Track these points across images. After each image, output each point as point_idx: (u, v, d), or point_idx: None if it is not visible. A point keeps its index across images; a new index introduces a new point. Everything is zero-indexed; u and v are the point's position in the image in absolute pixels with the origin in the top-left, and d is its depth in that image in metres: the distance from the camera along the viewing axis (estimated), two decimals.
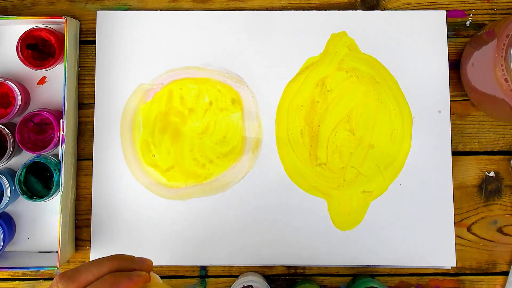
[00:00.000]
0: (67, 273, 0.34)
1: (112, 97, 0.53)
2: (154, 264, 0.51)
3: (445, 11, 0.54)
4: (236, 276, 0.52)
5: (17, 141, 0.50)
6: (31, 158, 0.50)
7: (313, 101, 0.53)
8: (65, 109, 0.50)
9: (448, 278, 0.52)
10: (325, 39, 0.54)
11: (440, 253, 0.51)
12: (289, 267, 0.53)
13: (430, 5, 0.54)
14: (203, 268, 0.53)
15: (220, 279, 0.53)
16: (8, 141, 0.50)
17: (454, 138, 0.53)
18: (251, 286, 0.47)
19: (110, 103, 0.53)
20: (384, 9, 0.54)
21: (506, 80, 0.43)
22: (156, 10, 0.54)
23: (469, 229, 0.53)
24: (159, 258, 0.52)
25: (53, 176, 0.50)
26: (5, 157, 0.50)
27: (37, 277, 0.53)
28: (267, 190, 0.52)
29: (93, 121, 0.53)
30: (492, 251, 0.52)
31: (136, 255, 0.39)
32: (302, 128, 0.53)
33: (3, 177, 0.50)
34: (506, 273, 0.52)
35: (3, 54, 0.54)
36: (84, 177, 0.53)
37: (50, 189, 0.51)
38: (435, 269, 0.52)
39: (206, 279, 0.53)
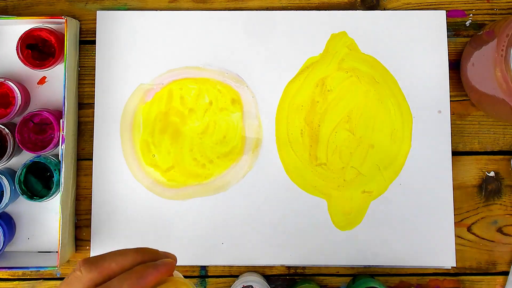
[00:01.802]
0: (91, 259, 0.33)
1: (112, 97, 0.53)
2: None
3: (445, 11, 0.54)
4: (236, 276, 0.52)
5: (17, 141, 0.50)
6: (31, 158, 0.50)
7: (313, 101, 0.53)
8: (65, 109, 0.50)
9: (448, 278, 0.52)
10: (325, 39, 0.54)
11: (440, 253, 0.51)
12: (289, 267, 0.53)
13: (430, 5, 0.54)
14: (203, 268, 0.53)
15: (220, 279, 0.53)
16: (8, 141, 0.50)
17: (454, 138, 0.53)
18: (251, 286, 0.48)
19: (110, 103, 0.53)
20: (384, 9, 0.54)
21: (506, 80, 0.43)
22: (156, 10, 0.54)
23: (469, 229, 0.53)
24: None
25: (53, 176, 0.50)
26: (5, 157, 0.50)
27: (37, 277, 0.53)
28: (267, 190, 0.52)
29: (93, 121, 0.53)
30: (492, 251, 0.52)
31: None
32: (302, 128, 0.53)
33: (3, 177, 0.50)
34: (506, 273, 0.52)
35: (3, 54, 0.54)
36: (84, 177, 0.53)
37: (50, 189, 0.51)
38: (435, 269, 0.52)
39: (206, 279, 0.53)
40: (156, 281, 0.34)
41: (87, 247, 0.53)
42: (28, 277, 0.53)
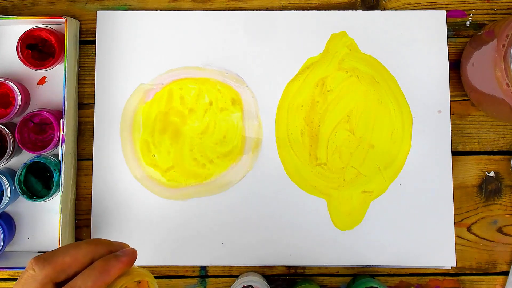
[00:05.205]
0: (43, 255, 0.33)
1: (112, 97, 0.53)
2: (154, 264, 0.52)
3: (445, 11, 0.54)
4: (236, 276, 0.52)
5: (17, 141, 0.50)
6: (31, 158, 0.50)
7: (313, 101, 0.53)
8: (65, 109, 0.50)
9: (448, 278, 0.52)
10: (325, 39, 0.54)
11: (440, 253, 0.51)
12: (289, 267, 0.53)
13: (430, 5, 0.54)
14: (203, 268, 0.53)
15: (220, 279, 0.53)
16: (8, 141, 0.50)
17: (454, 138, 0.53)
18: (251, 286, 0.48)
19: (110, 103, 0.53)
20: (384, 9, 0.54)
21: (506, 81, 0.43)
22: (156, 10, 0.54)
23: (469, 229, 0.53)
24: (159, 258, 0.52)
25: (53, 176, 0.50)
26: (5, 157, 0.50)
27: None
28: (267, 190, 0.52)
29: (93, 121, 0.53)
30: (492, 251, 0.52)
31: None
32: (302, 128, 0.53)
33: (3, 177, 0.50)
34: (506, 273, 0.52)
35: (3, 54, 0.54)
36: (84, 177, 0.53)
37: (50, 189, 0.51)
38: (435, 269, 0.52)
39: (206, 279, 0.53)
40: (120, 273, 0.33)
41: None
42: None
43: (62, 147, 0.49)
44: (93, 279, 0.32)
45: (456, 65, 0.54)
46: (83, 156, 0.54)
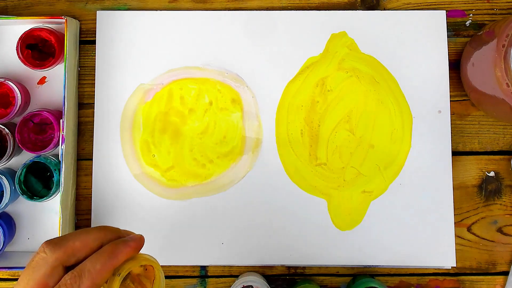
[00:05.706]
0: (54, 240, 0.33)
1: (112, 97, 0.53)
2: None
3: (445, 11, 0.54)
4: (236, 276, 0.52)
5: (17, 141, 0.50)
6: (31, 158, 0.50)
7: (313, 101, 0.53)
8: (65, 109, 0.50)
9: (448, 278, 0.52)
10: (325, 39, 0.54)
11: (440, 253, 0.51)
12: (289, 267, 0.53)
13: (430, 5, 0.54)
14: (203, 268, 0.53)
15: (220, 279, 0.53)
16: (8, 141, 0.50)
17: (454, 138, 0.53)
18: (251, 286, 0.48)
19: (110, 103, 0.53)
20: (384, 9, 0.54)
21: (506, 81, 0.43)
22: (156, 10, 0.54)
23: (469, 229, 0.53)
24: (159, 258, 0.51)
25: (53, 176, 0.50)
26: (5, 157, 0.50)
27: None
28: (267, 190, 0.52)
29: (93, 121, 0.53)
30: (492, 251, 0.52)
31: None
32: (302, 128, 0.53)
33: (3, 177, 0.50)
34: (506, 273, 0.52)
35: (3, 54, 0.54)
36: (84, 177, 0.53)
37: (50, 189, 0.51)
38: (435, 269, 0.52)
39: (206, 279, 0.53)
40: (127, 257, 0.34)
41: None
42: None
43: (62, 147, 0.49)
44: (102, 263, 0.33)
45: (456, 65, 0.54)
46: (83, 156, 0.54)
